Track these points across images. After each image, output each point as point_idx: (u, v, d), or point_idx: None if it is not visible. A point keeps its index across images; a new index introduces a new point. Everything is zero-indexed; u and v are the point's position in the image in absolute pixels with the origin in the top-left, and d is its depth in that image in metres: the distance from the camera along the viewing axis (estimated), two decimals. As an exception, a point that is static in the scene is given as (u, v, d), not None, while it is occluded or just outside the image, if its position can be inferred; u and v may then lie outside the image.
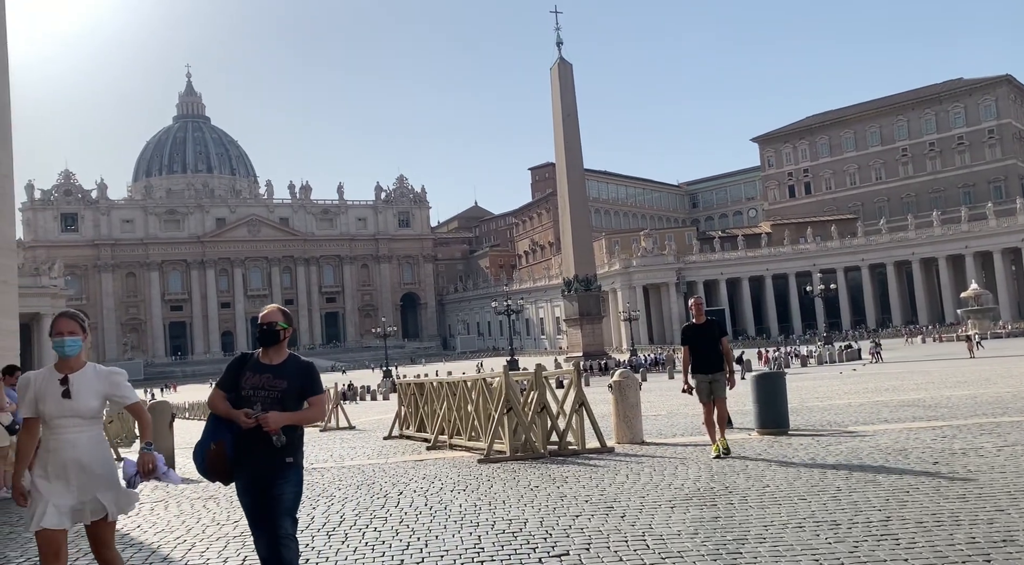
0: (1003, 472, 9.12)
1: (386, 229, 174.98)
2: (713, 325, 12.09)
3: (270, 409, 5.27)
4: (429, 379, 19.10)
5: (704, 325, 12.07)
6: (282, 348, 5.70)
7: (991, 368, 34.77)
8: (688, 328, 12.26)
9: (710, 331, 11.99)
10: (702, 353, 11.95)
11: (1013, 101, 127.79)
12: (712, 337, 11.94)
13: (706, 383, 11.87)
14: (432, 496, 10.05)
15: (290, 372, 5.50)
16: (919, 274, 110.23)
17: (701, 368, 11.93)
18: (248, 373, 5.52)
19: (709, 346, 11.91)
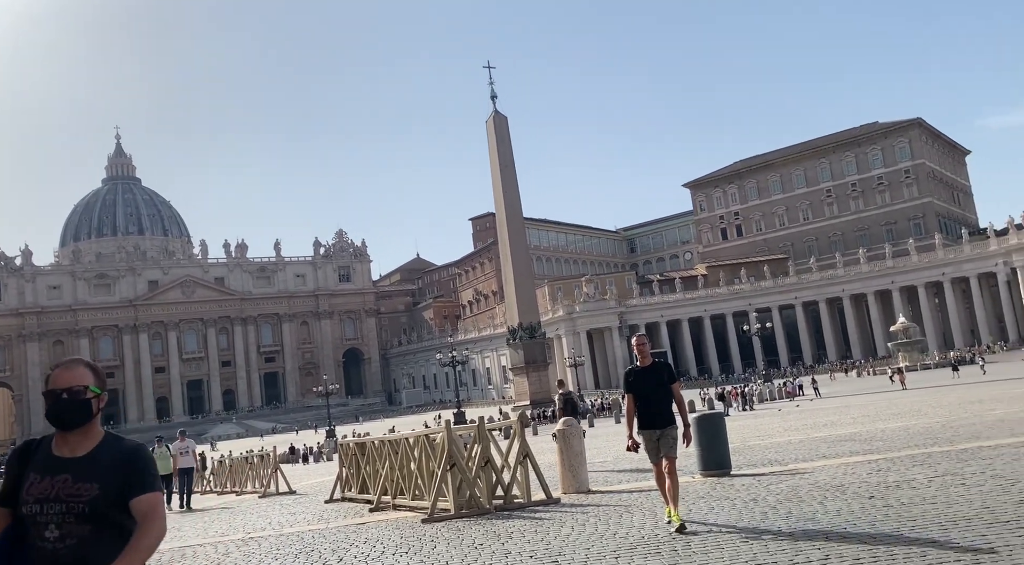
0: (934, 503, 9.35)
1: (326, 284, 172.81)
2: (661, 368, 9.96)
3: (73, 535, 3.29)
4: (370, 438, 18.71)
5: (650, 368, 9.89)
6: (92, 428, 3.52)
7: (922, 399, 35.91)
8: (631, 373, 10.00)
9: (657, 375, 9.83)
10: (649, 402, 9.75)
11: (925, 142, 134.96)
12: (659, 382, 9.79)
13: (654, 440, 9.72)
14: (374, 561, 9.76)
15: (103, 467, 3.40)
16: (850, 310, 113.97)
17: (648, 421, 9.74)
18: (32, 476, 3.41)
19: (657, 394, 9.74)
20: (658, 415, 9.75)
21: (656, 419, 9.75)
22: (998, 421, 19.90)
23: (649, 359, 10.05)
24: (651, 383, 9.81)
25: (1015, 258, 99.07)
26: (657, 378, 9.84)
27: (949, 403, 30.43)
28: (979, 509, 8.68)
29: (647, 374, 9.87)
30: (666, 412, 9.77)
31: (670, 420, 9.76)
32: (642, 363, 10.01)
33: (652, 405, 9.76)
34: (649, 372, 9.88)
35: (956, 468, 11.98)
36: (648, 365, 9.96)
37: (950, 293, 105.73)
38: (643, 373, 9.90)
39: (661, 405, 9.77)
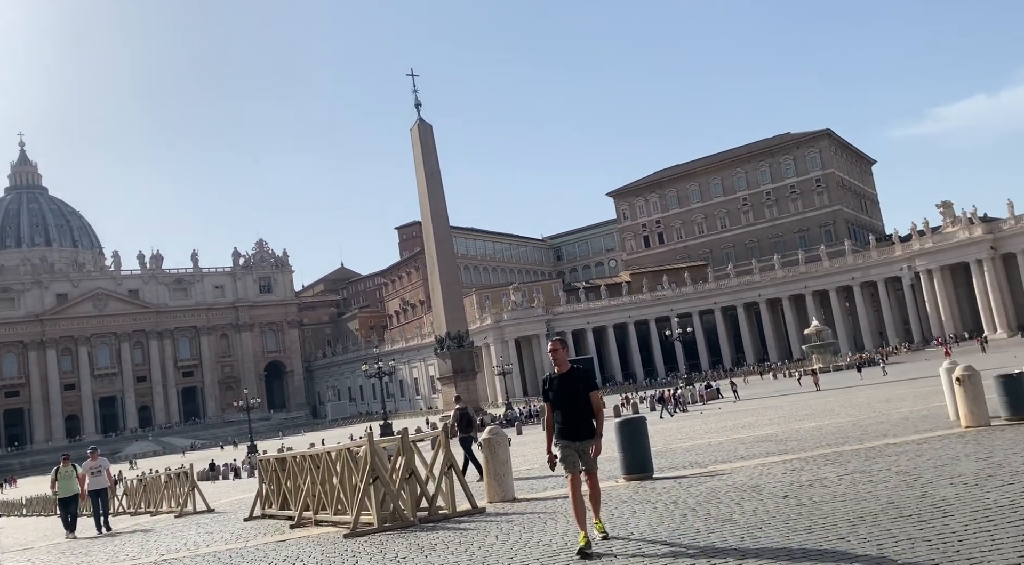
0: (844, 501, 9.71)
1: (246, 296, 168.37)
2: (579, 375, 9.15)
3: None
4: (291, 453, 18.24)
5: (568, 376, 9.11)
6: None
7: (834, 399, 37.39)
8: (547, 380, 9.28)
9: (574, 383, 9.05)
10: (567, 413, 8.99)
11: (834, 152, 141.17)
12: (577, 391, 9.01)
13: (573, 452, 8.98)
14: (293, 580, 9.47)
15: None
16: (767, 314, 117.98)
17: (567, 432, 8.98)
18: None
19: (575, 403, 8.98)
20: (576, 426, 8.97)
21: (576, 430, 8.97)
22: (903, 419, 20.88)
23: (566, 365, 9.19)
24: (568, 391, 9.04)
25: (918, 263, 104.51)
26: (574, 386, 9.06)
27: (859, 403, 31.77)
28: (885, 505, 9.05)
29: (564, 382, 9.11)
30: (585, 423, 8.99)
31: (590, 432, 8.96)
32: (559, 370, 9.22)
33: (570, 415, 8.99)
34: (566, 380, 9.12)
35: (864, 466, 12.49)
36: (566, 372, 9.17)
37: (859, 297, 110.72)
38: (561, 381, 9.13)
39: (580, 415, 8.99)
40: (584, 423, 8.98)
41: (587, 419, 9.00)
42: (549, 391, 9.21)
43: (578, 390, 9.04)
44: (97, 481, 20.82)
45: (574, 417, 9.00)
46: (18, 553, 18.35)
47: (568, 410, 9.02)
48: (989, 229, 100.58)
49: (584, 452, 8.95)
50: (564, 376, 9.17)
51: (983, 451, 12.29)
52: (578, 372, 9.20)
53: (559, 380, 9.17)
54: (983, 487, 9.30)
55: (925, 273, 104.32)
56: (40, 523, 34.44)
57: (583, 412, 9.00)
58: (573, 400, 9.02)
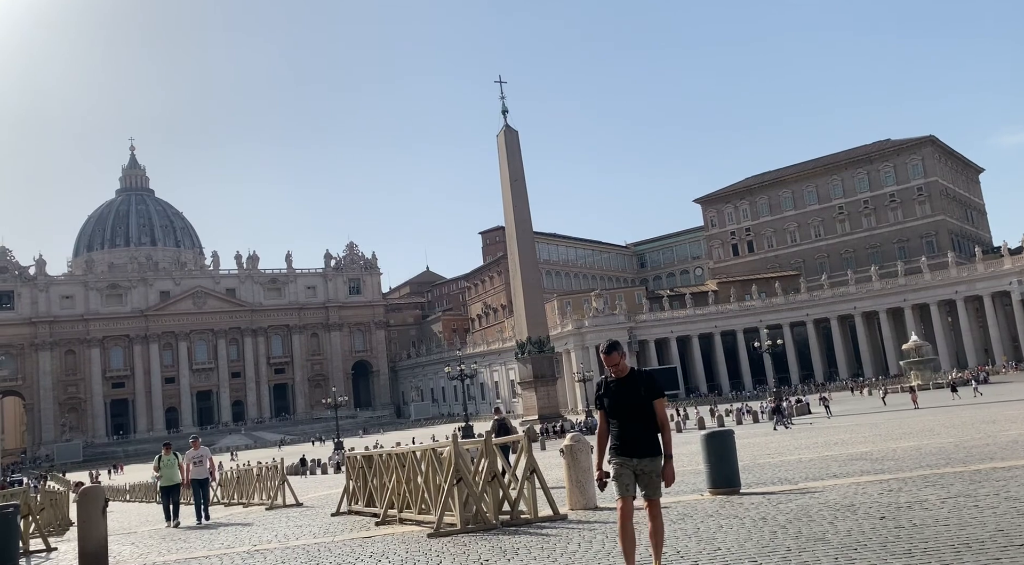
0: (947, 525, 9.21)
1: (336, 297, 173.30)
2: (641, 379, 7.90)
3: None
4: (377, 451, 18.65)
5: (627, 380, 7.91)
6: None
7: (934, 419, 35.55)
8: (601, 385, 8.10)
9: (634, 390, 7.82)
10: (625, 424, 7.80)
11: (938, 160, 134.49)
12: (638, 399, 7.78)
13: (629, 472, 7.71)
14: (379, 576, 9.68)
15: None
16: (862, 327, 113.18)
17: (625, 448, 7.76)
18: None
19: (636, 413, 7.76)
20: (636, 440, 7.72)
21: (634, 446, 7.72)
22: (1012, 442, 19.65)
23: (626, 369, 7.95)
24: (628, 398, 7.79)
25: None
26: (634, 393, 7.79)
27: (962, 423, 30.10)
28: (993, 532, 8.54)
29: (623, 387, 7.87)
30: (647, 437, 7.74)
31: (652, 448, 7.70)
32: (616, 373, 7.98)
33: (629, 427, 7.75)
34: (626, 384, 7.85)
35: (969, 490, 11.82)
36: (624, 376, 7.93)
37: (963, 311, 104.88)
38: (619, 386, 7.91)
39: (641, 427, 7.73)
40: (646, 437, 7.72)
41: (650, 432, 7.74)
42: (604, 396, 7.99)
43: (640, 397, 7.76)
44: (199, 470, 20.81)
45: (634, 429, 7.74)
46: (122, 536, 19.41)
47: (626, 421, 7.77)
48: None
49: (643, 473, 7.68)
50: (623, 380, 7.91)
51: (1104, 480, 11.44)
52: (641, 376, 7.95)
53: (617, 385, 7.92)
54: (1105, 519, 8.66)
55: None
56: (142, 509, 36.37)
57: (645, 424, 7.74)
58: (633, 409, 7.76)
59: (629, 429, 7.77)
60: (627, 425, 7.78)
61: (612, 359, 7.88)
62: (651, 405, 7.79)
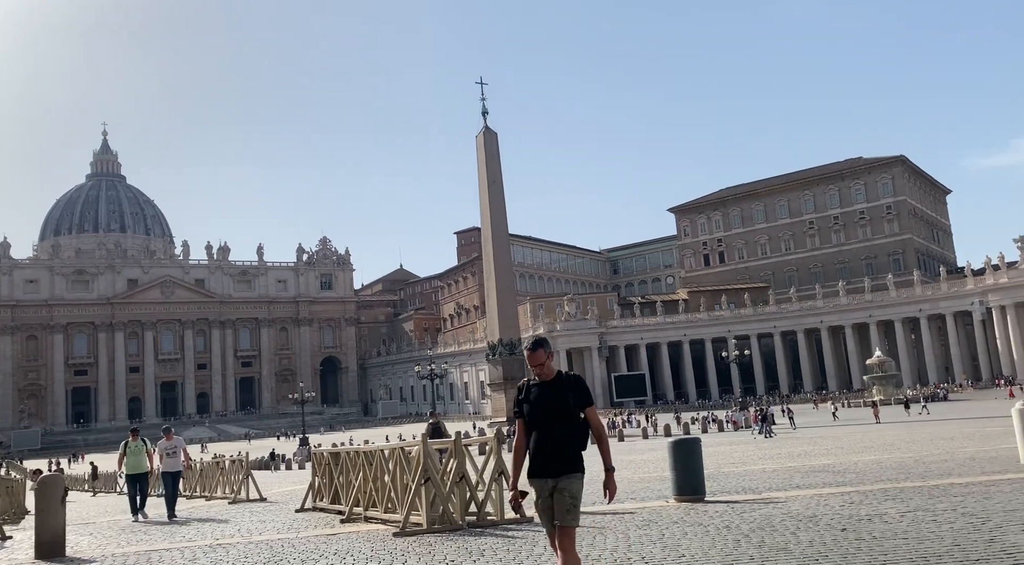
0: (905, 539, 9.41)
1: (307, 291, 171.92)
2: (568, 384, 6.55)
3: None
4: (345, 448, 18.55)
5: (551, 385, 6.56)
6: None
7: (895, 434, 36.20)
8: (522, 389, 6.74)
9: (560, 396, 6.48)
10: (545, 435, 6.44)
11: (907, 180, 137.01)
12: (563, 407, 6.44)
13: (546, 494, 6.40)
14: (343, 573, 9.64)
15: None
16: (827, 341, 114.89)
17: (538, 466, 6.43)
18: None
19: (556, 423, 6.42)
20: (554, 456, 6.35)
21: (550, 462, 6.34)
22: (969, 459, 20.09)
23: (552, 372, 6.60)
24: (551, 405, 6.43)
25: (991, 298, 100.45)
26: (560, 398, 6.43)
27: (921, 438, 30.69)
28: (950, 546, 8.74)
29: (546, 392, 6.51)
30: (567, 452, 6.36)
31: (571, 464, 6.36)
32: (540, 375, 6.62)
33: (547, 440, 6.38)
34: (550, 389, 6.50)
35: (928, 504, 12.07)
36: (550, 379, 6.57)
37: (926, 329, 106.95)
38: (540, 391, 6.55)
39: (561, 441, 6.37)
40: (566, 452, 6.35)
41: (572, 447, 6.38)
42: (523, 403, 6.60)
43: (565, 404, 6.41)
44: (172, 463, 19.46)
45: (553, 442, 6.36)
46: (80, 527, 19.07)
47: (546, 432, 6.38)
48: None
49: (560, 493, 6.28)
50: (547, 384, 6.55)
51: (1057, 499, 11.75)
52: (569, 380, 6.57)
53: (540, 389, 6.56)
54: (1057, 536, 8.90)
55: (998, 309, 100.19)
56: (102, 500, 35.77)
57: (568, 437, 6.39)
58: (556, 418, 6.39)
59: (548, 442, 6.37)
60: (546, 437, 6.39)
61: (536, 357, 6.55)
62: (579, 415, 6.47)
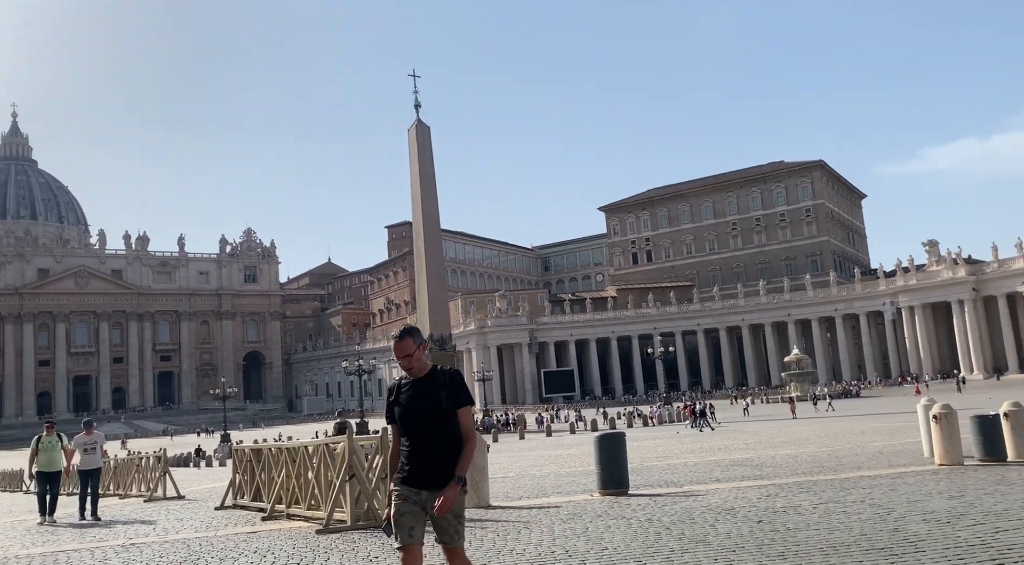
0: (817, 529, 9.78)
1: (230, 284, 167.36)
2: (442, 381, 5.69)
3: None
4: (267, 444, 18.14)
5: (424, 382, 5.72)
6: None
7: (810, 429, 37.61)
8: (393, 389, 5.88)
9: (433, 395, 5.63)
10: (418, 440, 5.60)
11: (826, 184, 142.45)
12: (436, 408, 5.60)
13: (416, 509, 5.49)
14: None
15: None
16: (748, 339, 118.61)
17: (410, 475, 5.55)
18: None
19: (430, 426, 5.59)
20: (429, 464, 5.50)
21: (425, 472, 5.50)
22: (877, 453, 21.04)
23: (426, 367, 5.77)
24: (423, 407, 5.61)
25: (901, 299, 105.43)
26: (434, 398, 5.62)
27: (835, 433, 31.98)
28: (858, 536, 9.12)
29: (419, 391, 5.69)
30: (445, 460, 5.51)
31: (445, 475, 5.47)
32: (411, 371, 5.78)
33: (421, 446, 5.56)
34: (423, 388, 5.69)
35: (839, 496, 12.58)
36: (423, 376, 5.75)
37: (841, 328, 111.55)
38: (413, 390, 5.72)
39: (437, 446, 5.54)
40: (444, 460, 5.51)
41: (449, 454, 5.53)
42: (394, 405, 5.78)
43: (438, 405, 5.60)
44: (90, 459, 17.97)
45: (427, 449, 5.54)
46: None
47: (419, 437, 5.59)
48: (972, 271, 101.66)
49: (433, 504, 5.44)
50: (419, 383, 5.74)
51: (956, 489, 12.41)
52: (444, 377, 5.74)
53: (412, 388, 5.73)
54: (955, 525, 9.40)
55: (907, 310, 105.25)
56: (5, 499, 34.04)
57: (444, 442, 5.55)
58: (429, 421, 5.58)
59: (422, 449, 5.55)
60: (420, 443, 5.57)
61: (403, 347, 5.68)
62: (453, 415, 5.61)
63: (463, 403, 5.67)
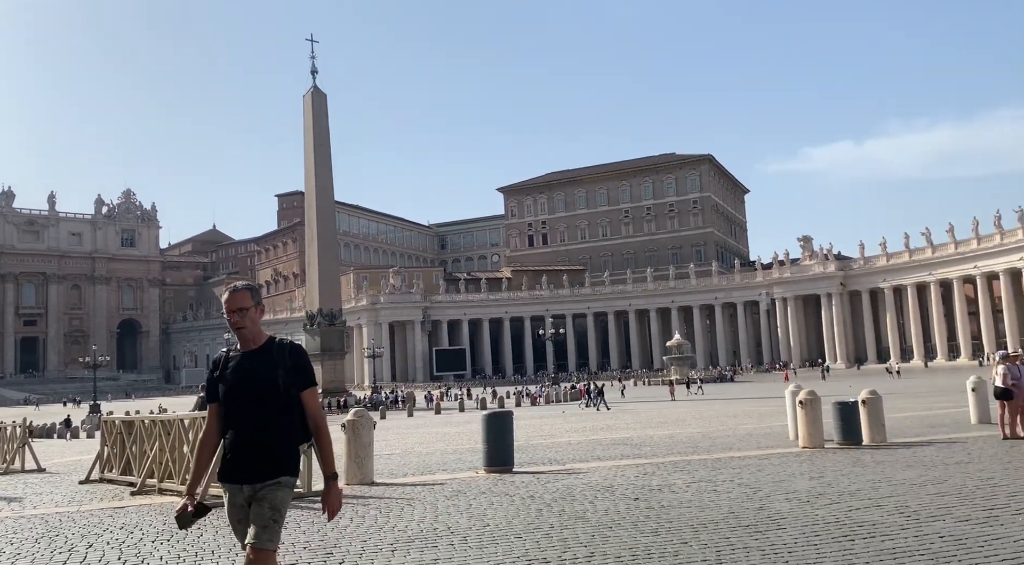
0: (689, 507, 10.25)
1: (106, 247, 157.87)
2: (280, 356, 4.79)
3: None
4: (140, 416, 17.30)
5: (258, 354, 4.80)
6: None
7: (687, 411, 39.33)
8: (218, 363, 4.90)
9: (268, 370, 4.72)
10: (240, 426, 4.67)
11: (713, 177, 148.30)
12: (270, 386, 4.69)
13: (241, 501, 4.66)
14: (128, 548, 9.00)
15: None
16: (634, 323, 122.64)
17: (231, 467, 4.67)
18: None
19: (260, 408, 4.66)
20: (255, 455, 4.60)
21: (249, 463, 4.60)
22: (747, 434, 22.24)
23: (262, 337, 4.85)
24: (254, 383, 4.68)
25: (775, 290, 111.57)
26: (268, 374, 4.69)
27: (710, 415, 33.58)
28: (726, 514, 9.62)
29: (249, 365, 4.76)
30: (274, 450, 4.62)
31: (278, 467, 4.62)
32: (243, 345, 4.85)
33: (247, 433, 4.63)
34: (256, 361, 4.75)
35: (711, 475, 13.22)
36: (256, 348, 4.81)
37: (720, 316, 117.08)
38: (242, 364, 4.78)
39: (266, 434, 4.62)
40: (274, 449, 4.62)
41: (280, 441, 4.64)
42: (218, 381, 4.81)
43: (274, 383, 4.68)
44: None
45: (255, 436, 4.61)
46: None
47: (245, 420, 4.63)
48: (841, 266, 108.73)
49: (260, 502, 4.56)
50: (251, 356, 4.80)
51: (816, 470, 13.28)
52: (283, 350, 4.82)
53: (241, 362, 4.79)
54: (814, 504, 10.06)
55: (780, 301, 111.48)
56: None
57: (276, 427, 4.64)
58: (260, 401, 4.65)
59: (248, 436, 4.61)
60: (246, 429, 4.62)
61: (239, 298, 4.76)
62: (294, 398, 4.73)
63: (308, 384, 4.78)
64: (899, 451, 15.57)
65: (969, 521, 8.59)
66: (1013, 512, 8.99)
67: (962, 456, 14.45)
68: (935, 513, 9.12)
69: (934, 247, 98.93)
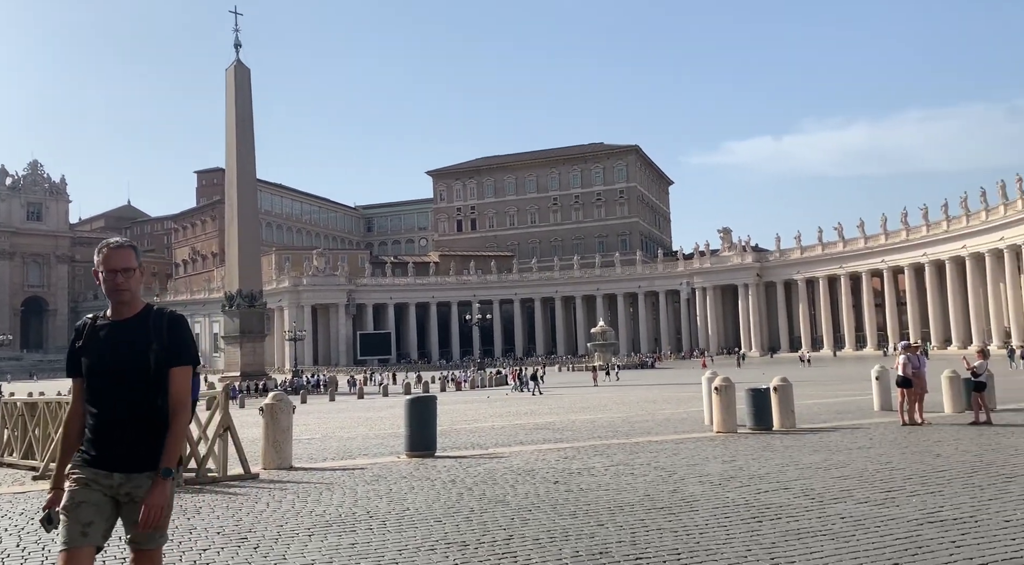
0: (607, 490, 10.46)
1: (9, 220, 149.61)
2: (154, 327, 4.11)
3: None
4: (44, 398, 16.53)
5: (130, 324, 4.12)
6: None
7: (609, 396, 40.09)
8: (82, 331, 4.20)
9: (140, 343, 4.04)
10: (105, 407, 3.98)
11: (639, 168, 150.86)
12: (140, 361, 4.00)
13: (98, 497, 3.92)
14: (28, 536, 8.61)
15: None
16: (560, 310, 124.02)
17: (96, 453, 3.96)
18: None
19: (128, 386, 3.98)
20: (123, 438, 3.98)
21: (117, 450, 3.97)
22: (666, 420, 22.84)
23: (138, 305, 4.23)
24: (123, 356, 4.04)
25: (696, 280, 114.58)
26: (140, 347, 4.05)
27: (631, 401, 34.31)
28: (642, 496, 9.86)
29: (116, 339, 4.10)
30: (147, 433, 4.00)
31: (153, 456, 3.97)
32: (113, 312, 4.22)
33: (113, 413, 3.99)
34: (126, 332, 4.12)
35: (629, 459, 13.52)
36: (130, 317, 4.18)
37: (643, 304, 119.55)
38: (112, 335, 4.12)
39: (136, 413, 4.00)
40: (145, 433, 4.00)
41: (154, 425, 4.01)
42: (80, 353, 4.16)
43: (146, 357, 4.04)
44: None
45: (126, 417, 3.99)
46: None
47: (111, 400, 4.01)
48: (758, 258, 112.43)
49: (130, 500, 3.96)
50: (123, 326, 4.16)
51: (729, 455, 13.74)
52: (159, 319, 4.19)
53: (110, 331, 4.15)
54: (725, 487, 10.41)
55: (700, 290, 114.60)
56: None
57: (147, 408, 4.02)
58: (129, 377, 4.02)
59: (118, 416, 4.00)
60: (116, 409, 4.00)
61: (123, 256, 4.21)
62: (164, 374, 4.06)
63: (182, 360, 4.10)
64: (807, 436, 16.25)
65: (868, 502, 9.05)
66: (908, 494, 9.52)
67: (864, 441, 15.20)
68: (838, 495, 9.57)
69: (845, 241, 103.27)
